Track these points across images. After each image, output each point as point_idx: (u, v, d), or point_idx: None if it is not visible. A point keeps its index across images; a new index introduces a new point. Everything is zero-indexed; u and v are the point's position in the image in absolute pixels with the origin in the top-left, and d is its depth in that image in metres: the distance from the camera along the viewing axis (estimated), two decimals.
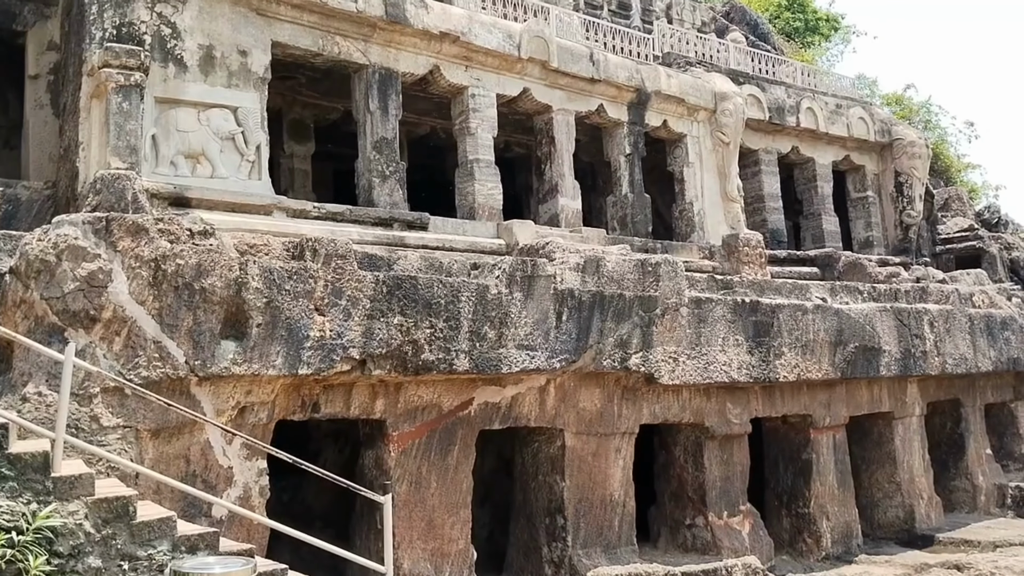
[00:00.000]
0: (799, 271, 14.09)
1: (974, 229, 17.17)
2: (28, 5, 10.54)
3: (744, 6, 23.23)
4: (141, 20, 9.02)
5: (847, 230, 16.57)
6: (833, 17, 27.67)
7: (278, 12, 10.01)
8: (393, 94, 11.00)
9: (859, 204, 16.73)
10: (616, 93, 13.13)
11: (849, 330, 11.44)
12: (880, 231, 16.59)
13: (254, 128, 9.64)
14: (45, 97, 10.45)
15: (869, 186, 16.70)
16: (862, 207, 16.68)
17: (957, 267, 16.48)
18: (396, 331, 7.84)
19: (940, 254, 17.10)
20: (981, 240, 16.80)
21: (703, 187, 14.04)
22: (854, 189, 16.82)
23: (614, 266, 9.67)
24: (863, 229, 16.61)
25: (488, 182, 11.70)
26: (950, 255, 17.05)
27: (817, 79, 17.27)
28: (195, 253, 6.96)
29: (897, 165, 16.47)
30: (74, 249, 6.51)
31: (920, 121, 23.17)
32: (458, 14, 11.50)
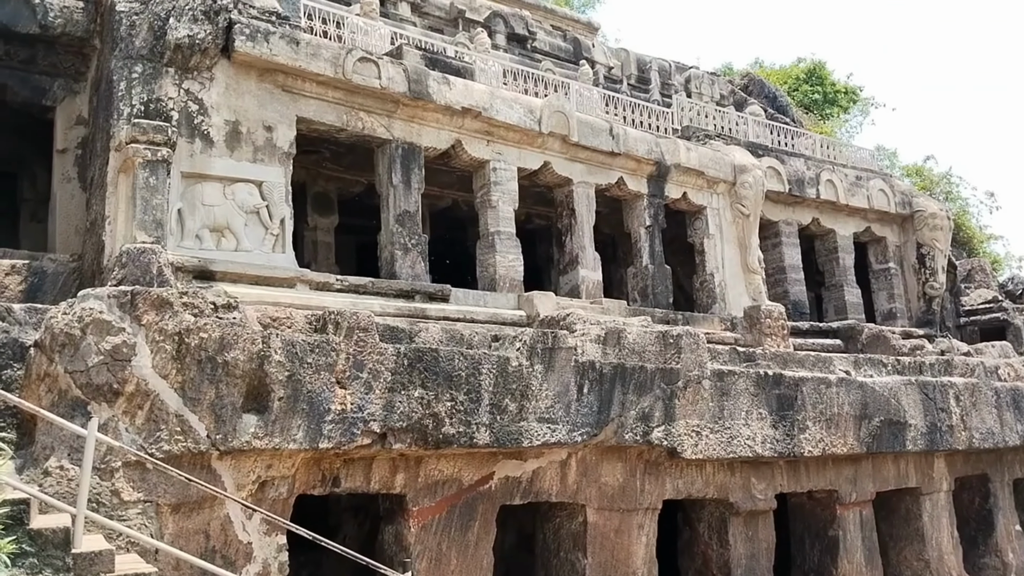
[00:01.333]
0: (822, 343, 13.95)
1: (998, 301, 17.00)
2: (58, 80, 10.86)
3: (762, 79, 23.60)
4: (169, 96, 9.24)
5: (869, 302, 16.44)
6: (851, 89, 27.98)
7: (303, 89, 10.25)
8: (416, 168, 11.16)
9: (881, 276, 16.63)
10: (636, 166, 13.26)
11: (874, 404, 11.26)
12: (903, 303, 16.44)
13: (279, 202, 9.78)
14: (72, 171, 10.67)
15: (891, 258, 16.62)
16: (884, 279, 16.58)
17: (982, 339, 16.26)
18: (417, 404, 7.79)
19: (964, 326, 16.91)
20: (1006, 312, 16.61)
21: (724, 258, 14.03)
22: (876, 261, 16.74)
23: (635, 338, 9.62)
24: (886, 301, 16.48)
25: (509, 254, 11.77)
26: (974, 327, 16.85)
27: (836, 151, 17.38)
28: (219, 327, 6.99)
29: (919, 236, 16.42)
30: (99, 323, 6.56)
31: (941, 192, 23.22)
32: (480, 90, 11.73)
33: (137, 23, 9.18)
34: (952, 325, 16.77)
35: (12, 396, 5.84)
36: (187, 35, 9.22)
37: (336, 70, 10.31)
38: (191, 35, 9.24)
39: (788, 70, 27.86)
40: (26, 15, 10.38)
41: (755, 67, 28.21)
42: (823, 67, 27.61)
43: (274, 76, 9.99)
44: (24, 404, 5.70)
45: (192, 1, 9.36)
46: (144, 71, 9.13)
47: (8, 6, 10.32)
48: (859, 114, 28.20)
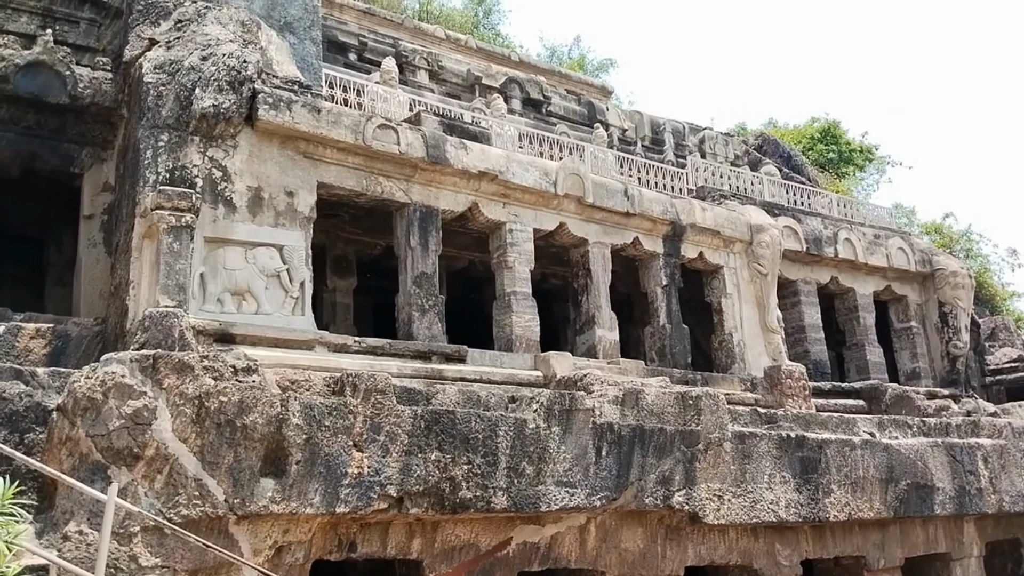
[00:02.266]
0: (845, 404, 13.78)
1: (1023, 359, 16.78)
2: (86, 149, 11.16)
3: (776, 139, 23.79)
4: (193, 164, 9.46)
5: (892, 361, 16.25)
6: (867, 148, 28.07)
7: (324, 155, 10.47)
8: (433, 230, 11.29)
9: (903, 335, 16.47)
10: (651, 226, 13.34)
11: (900, 466, 11.06)
12: (926, 362, 16.24)
13: (299, 265, 9.91)
14: (98, 236, 10.89)
15: (912, 316, 16.48)
16: (906, 338, 16.41)
17: (1008, 399, 15.99)
18: (434, 467, 7.75)
19: (990, 385, 16.66)
20: None
21: (742, 318, 13.99)
22: (897, 320, 16.60)
23: (654, 399, 9.56)
24: (909, 360, 16.28)
25: (525, 314, 11.80)
26: (1000, 386, 16.59)
27: (853, 209, 17.41)
28: (238, 390, 7.03)
29: (940, 295, 16.29)
30: (121, 387, 6.62)
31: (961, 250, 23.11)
32: (496, 154, 11.92)
33: (164, 93, 9.46)
34: (977, 385, 16.53)
35: (34, 461, 5.89)
36: (212, 105, 9.48)
37: (356, 137, 10.53)
38: (216, 105, 9.50)
39: (802, 130, 28.07)
40: (57, 86, 10.74)
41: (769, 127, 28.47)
42: (837, 126, 27.81)
43: (296, 143, 10.22)
44: (45, 469, 5.74)
45: (218, 72, 9.64)
46: (170, 139, 9.37)
47: (40, 77, 10.68)
48: (875, 172, 28.28)
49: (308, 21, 12.05)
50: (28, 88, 10.58)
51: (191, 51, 9.82)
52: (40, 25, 11.32)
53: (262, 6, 11.58)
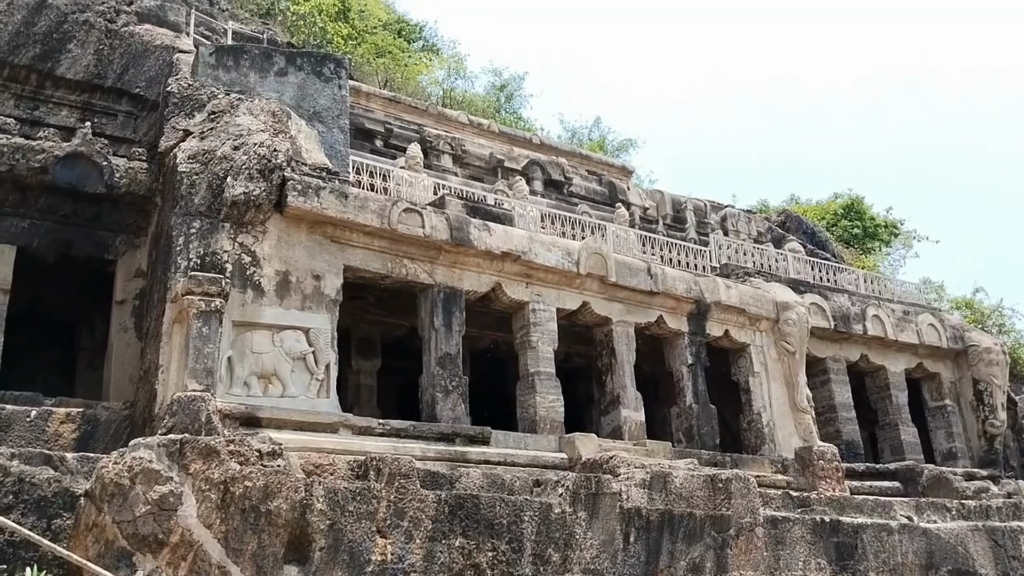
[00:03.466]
0: (880, 486, 13.42)
1: None
2: (120, 236, 11.49)
3: (799, 216, 23.80)
4: (224, 249, 9.67)
5: (927, 441, 15.85)
6: (892, 223, 27.94)
7: (351, 239, 10.66)
8: (457, 311, 11.37)
9: (938, 413, 16.10)
10: (675, 305, 13.33)
11: (940, 552, 10.70)
12: (963, 442, 15.81)
13: (324, 348, 9.99)
14: (129, 321, 11.10)
15: (946, 394, 16.13)
16: (941, 417, 16.04)
17: None
18: (458, 554, 7.63)
19: None
20: None
21: (771, 397, 13.80)
22: (931, 398, 16.26)
23: (682, 482, 9.39)
24: (944, 440, 15.88)
25: (549, 394, 11.74)
26: None
27: (881, 285, 17.27)
28: (263, 475, 7.03)
29: (974, 372, 15.97)
30: (148, 472, 6.65)
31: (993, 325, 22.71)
32: (519, 235, 12.06)
33: (197, 182, 9.75)
34: (1016, 464, 16.03)
35: (60, 548, 5.89)
36: (243, 192, 9.74)
37: (382, 221, 10.73)
38: (247, 192, 9.76)
39: (825, 206, 28.10)
40: (94, 176, 11.12)
41: (791, 203, 28.53)
42: (861, 202, 27.80)
43: (323, 228, 10.43)
44: (72, 557, 5.74)
45: (249, 160, 9.94)
46: (201, 226, 9.61)
47: (78, 168, 11.08)
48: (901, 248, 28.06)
49: (336, 111, 12.47)
50: (66, 178, 10.97)
51: (223, 141, 10.15)
52: (79, 118, 11.79)
53: (292, 97, 12.01)
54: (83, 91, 12.03)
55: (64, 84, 11.93)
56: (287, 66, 12.29)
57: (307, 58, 12.75)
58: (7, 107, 11.53)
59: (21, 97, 11.67)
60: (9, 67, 11.62)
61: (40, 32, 11.89)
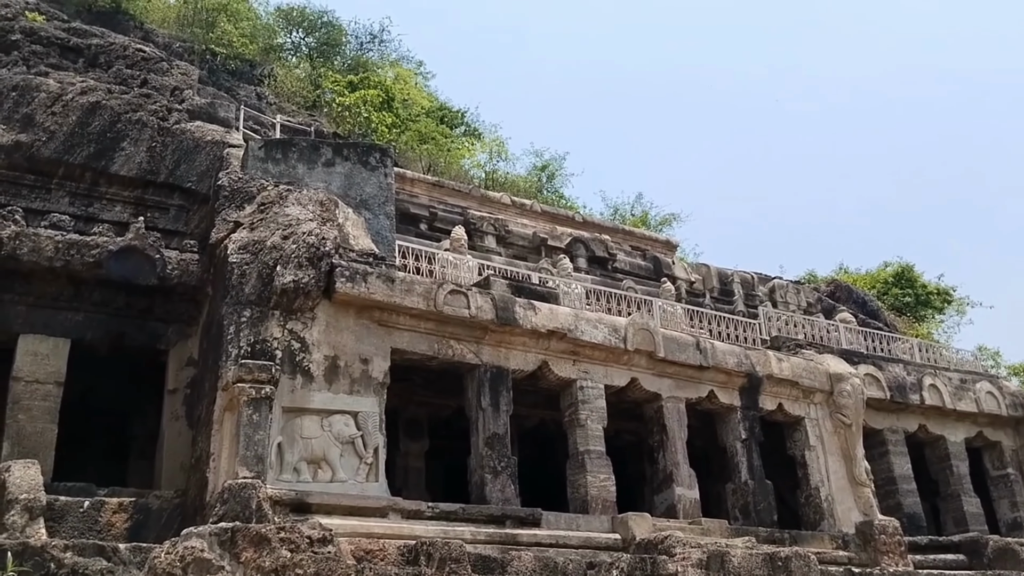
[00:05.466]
0: (944, 559, 12.84)
1: None
2: (172, 326, 11.74)
3: (849, 285, 23.49)
4: (273, 337, 9.84)
5: (991, 511, 15.21)
6: (944, 290, 27.47)
7: (398, 322, 10.78)
8: (504, 391, 11.34)
9: (1000, 483, 15.49)
10: (726, 379, 13.14)
11: None
12: None
13: (373, 431, 10.01)
14: (181, 409, 11.25)
15: (1008, 463, 15.54)
16: (1004, 486, 15.43)
17: None
18: None
19: None
20: None
21: (828, 471, 13.40)
22: (992, 467, 15.68)
23: (740, 561, 9.11)
24: (1008, 510, 15.23)
25: (600, 473, 11.55)
26: None
27: (936, 354, 16.87)
28: (314, 562, 7.00)
29: None
30: (200, 561, 6.66)
31: None
32: (564, 312, 12.08)
33: (247, 271, 10.00)
34: None
35: None
36: (292, 280, 9.96)
37: (428, 303, 10.85)
38: (296, 280, 9.98)
39: (875, 274, 27.75)
40: (147, 269, 11.45)
41: (840, 273, 28.22)
42: (911, 269, 27.42)
43: (371, 312, 10.58)
44: None
45: (298, 249, 10.20)
46: (252, 315, 9.81)
47: (131, 261, 11.41)
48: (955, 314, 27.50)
49: (382, 198, 12.79)
50: (120, 272, 11.30)
51: (273, 231, 10.45)
52: (132, 213, 12.23)
53: (340, 186, 12.36)
54: (136, 187, 12.49)
55: (118, 181, 12.40)
56: (334, 157, 12.69)
57: (353, 148, 13.16)
58: (62, 204, 12.00)
59: (76, 195, 12.16)
60: (64, 166, 12.13)
61: (94, 132, 12.45)
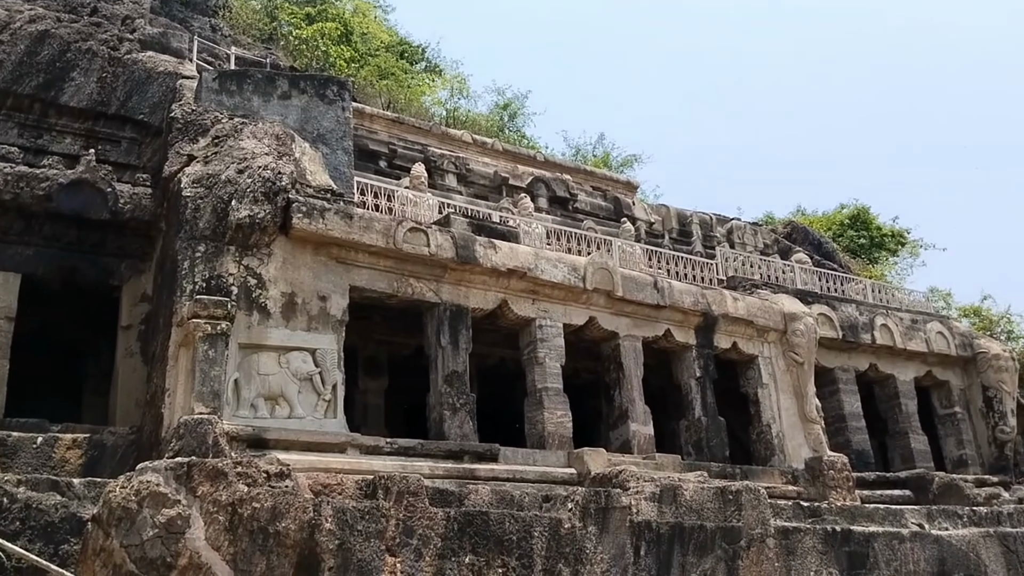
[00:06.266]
0: (890, 495, 13.33)
1: None
2: (125, 262, 11.54)
3: (806, 227, 23.79)
4: (229, 272, 9.72)
5: (937, 448, 15.77)
6: (898, 232, 27.95)
7: (356, 259, 10.70)
8: (463, 329, 11.38)
9: (947, 421, 16.03)
10: (682, 318, 13.31)
11: (952, 559, 10.61)
12: (973, 448, 15.73)
13: (331, 368, 10.01)
14: (135, 346, 11.13)
15: (956, 402, 16.06)
16: (951, 424, 15.97)
17: None
18: (467, 571, 7.60)
19: None
20: None
21: (780, 408, 13.74)
22: (940, 405, 16.19)
23: (692, 495, 9.36)
24: (954, 447, 15.80)
25: (557, 410, 11.71)
26: None
27: (888, 295, 17.22)
28: (271, 496, 7.03)
29: (984, 379, 15.90)
30: (155, 496, 6.66)
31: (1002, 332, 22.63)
32: (524, 251, 12.09)
33: (202, 206, 9.82)
34: None
35: (68, 573, 5.89)
36: (248, 215, 9.80)
37: (387, 241, 10.77)
38: (252, 215, 9.82)
39: (831, 216, 28.12)
40: (98, 203, 11.20)
41: (797, 215, 28.54)
42: (867, 211, 27.82)
43: (329, 249, 10.48)
44: None
45: (253, 184, 10.01)
46: (206, 250, 9.67)
47: (82, 195, 11.15)
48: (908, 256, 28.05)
49: (340, 132, 12.55)
50: (70, 205, 11.04)
51: (228, 165, 10.23)
52: (83, 146, 11.90)
53: (296, 120, 12.10)
54: (87, 119, 12.14)
55: (68, 112, 12.04)
56: (290, 89, 12.40)
57: (310, 81, 12.86)
58: (11, 136, 11.64)
59: (25, 126, 11.79)
60: (13, 96, 11.74)
61: (43, 61, 12.02)
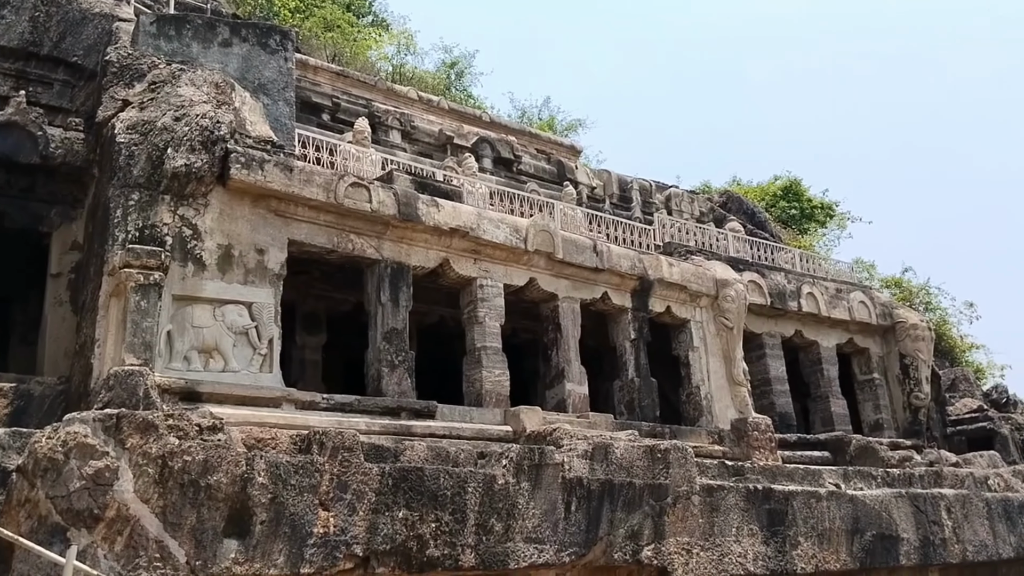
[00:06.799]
0: (810, 455, 13.91)
1: (984, 410, 17.07)
2: (56, 208, 11.19)
3: (740, 196, 24.34)
4: (164, 222, 9.52)
5: (856, 413, 16.47)
6: (827, 204, 28.81)
7: (296, 213, 10.58)
8: (404, 286, 11.39)
9: (866, 387, 16.73)
10: (620, 281, 13.54)
11: (865, 517, 11.16)
12: (889, 413, 16.48)
13: (268, 322, 9.93)
14: (65, 295, 10.85)
15: (875, 368, 16.76)
16: (869, 389, 16.68)
17: (969, 449, 16.23)
18: (401, 525, 7.73)
19: (951, 436, 16.89)
20: (991, 421, 16.66)
21: (709, 371, 14.15)
22: (860, 372, 16.87)
23: (623, 453, 9.62)
24: (872, 412, 16.52)
25: (496, 369, 11.86)
26: (961, 437, 16.84)
27: (816, 264, 17.78)
28: (203, 449, 7.01)
29: (901, 347, 16.60)
30: (83, 447, 6.58)
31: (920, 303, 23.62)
32: (467, 211, 12.11)
33: (136, 153, 9.56)
34: (939, 435, 16.75)
35: None
36: (184, 164, 9.59)
37: (328, 195, 10.66)
38: (188, 164, 9.61)
39: (765, 187, 28.77)
40: (28, 146, 10.82)
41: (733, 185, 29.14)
42: (799, 184, 28.56)
43: (268, 201, 10.33)
44: (3, 533, 5.67)
45: (190, 132, 9.78)
46: (140, 198, 9.44)
47: (11, 138, 10.76)
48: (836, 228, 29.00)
49: (282, 83, 12.30)
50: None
51: (164, 112, 9.97)
52: (13, 87, 11.43)
53: (237, 68, 11.81)
54: (17, 59, 11.65)
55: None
56: (231, 37, 12.07)
57: (252, 29, 12.54)
58: None
59: None
60: None
61: None
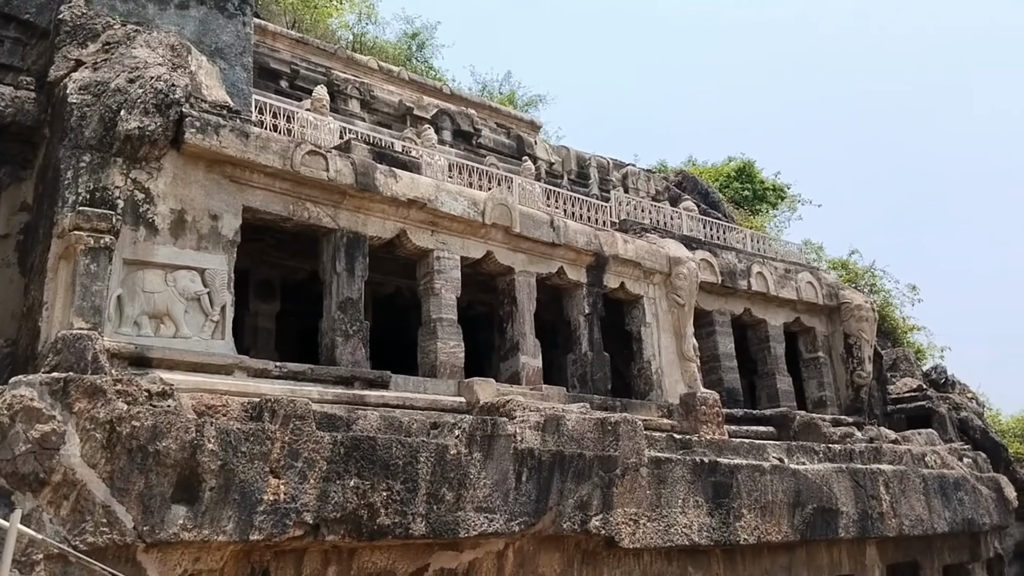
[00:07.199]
0: (756, 430, 14.26)
1: (923, 389, 17.63)
2: (4, 168, 10.88)
3: (695, 176, 24.60)
4: (115, 185, 9.34)
5: (801, 390, 16.92)
6: (779, 187, 29.26)
7: (251, 180, 10.46)
8: (360, 256, 11.36)
9: (811, 364, 17.17)
10: (576, 257, 13.66)
11: (807, 491, 11.51)
12: (832, 391, 16.96)
13: (220, 289, 9.84)
14: (13, 256, 10.61)
15: (820, 347, 17.21)
16: (814, 367, 17.12)
17: (908, 427, 16.77)
18: (352, 494, 7.79)
19: (891, 414, 17.44)
20: (930, 400, 17.24)
21: (660, 346, 14.39)
22: (806, 350, 17.31)
23: (574, 425, 9.78)
24: (816, 389, 16.99)
25: (451, 340, 11.92)
26: (901, 415, 17.40)
27: (766, 245, 18.12)
28: (152, 415, 6.98)
29: (846, 327, 17.05)
30: (29, 410, 6.51)
31: (865, 285, 24.17)
32: (425, 183, 12.08)
33: (88, 114, 9.35)
34: (880, 413, 17.28)
35: None
36: (137, 127, 9.41)
37: (284, 162, 10.56)
38: (141, 127, 9.43)
39: (719, 168, 29.11)
40: None
41: (688, 165, 29.41)
42: (752, 166, 28.94)
43: (222, 167, 10.20)
44: None
45: (144, 94, 9.58)
46: (92, 160, 9.25)
47: None
48: (787, 210, 29.47)
49: (239, 48, 12.09)
50: None
51: (118, 73, 9.74)
52: None
53: (193, 31, 11.58)
54: None
55: None
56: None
57: None
58: None
59: None
60: None
61: None
